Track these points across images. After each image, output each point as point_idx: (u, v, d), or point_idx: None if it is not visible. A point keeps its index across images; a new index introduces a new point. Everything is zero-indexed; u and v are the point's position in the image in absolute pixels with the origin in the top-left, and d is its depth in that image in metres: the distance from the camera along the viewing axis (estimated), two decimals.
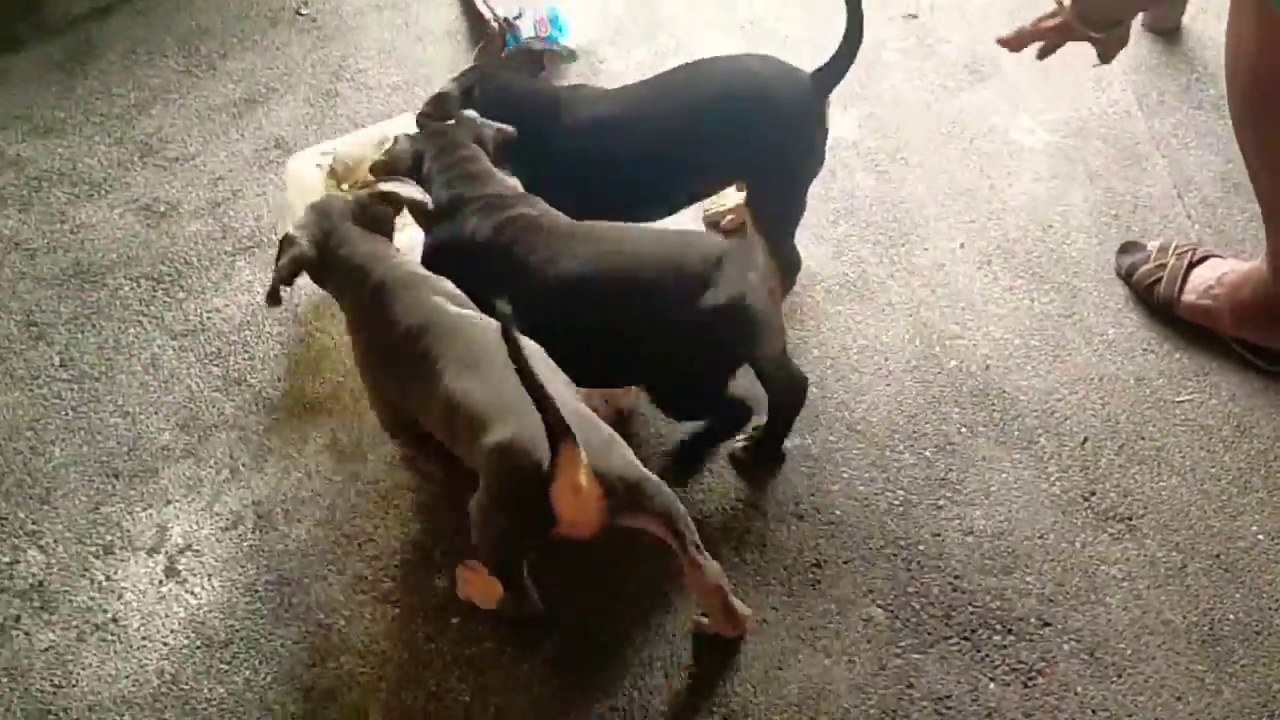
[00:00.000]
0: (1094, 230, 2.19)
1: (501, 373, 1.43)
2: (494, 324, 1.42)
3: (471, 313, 1.63)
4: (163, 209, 2.33)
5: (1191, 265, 2.00)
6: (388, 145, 1.88)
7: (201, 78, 2.62)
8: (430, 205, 1.76)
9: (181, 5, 2.83)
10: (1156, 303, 2.03)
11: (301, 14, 2.77)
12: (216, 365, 2.05)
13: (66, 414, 1.99)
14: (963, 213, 2.24)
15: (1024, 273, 2.13)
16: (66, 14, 2.83)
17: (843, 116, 2.43)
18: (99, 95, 2.60)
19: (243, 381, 2.02)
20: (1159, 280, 2.02)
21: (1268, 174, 1.73)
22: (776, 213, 1.98)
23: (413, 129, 1.91)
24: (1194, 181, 2.26)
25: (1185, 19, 2.57)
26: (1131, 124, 2.38)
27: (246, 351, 2.07)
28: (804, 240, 2.18)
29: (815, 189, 2.24)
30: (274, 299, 1.69)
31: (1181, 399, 1.93)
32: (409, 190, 1.76)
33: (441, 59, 2.61)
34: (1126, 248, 2.12)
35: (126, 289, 2.18)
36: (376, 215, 1.76)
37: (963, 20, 2.66)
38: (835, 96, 2.41)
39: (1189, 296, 1.99)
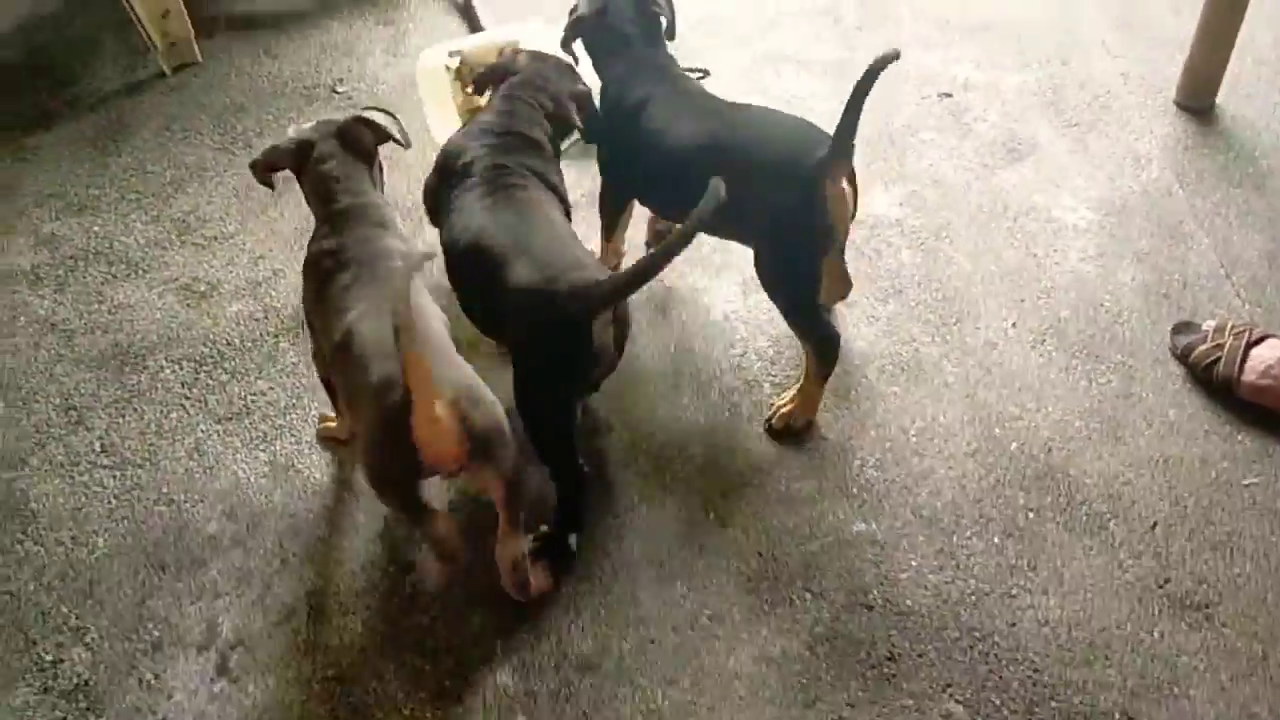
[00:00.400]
0: (1145, 310, 2.18)
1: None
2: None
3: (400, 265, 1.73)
4: (203, 289, 2.30)
5: (1250, 345, 2.00)
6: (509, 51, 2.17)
7: (238, 155, 2.61)
8: (407, 147, 1.92)
9: (215, 83, 2.82)
10: (1215, 383, 2.01)
11: (337, 92, 2.76)
12: (263, 450, 2.00)
13: (109, 502, 1.94)
14: (1011, 291, 2.23)
15: (1079, 353, 2.11)
16: (98, 91, 2.82)
17: (884, 194, 2.43)
18: (133, 173, 2.58)
19: (290, 467, 1.97)
20: (1217, 360, 2.01)
21: None
22: (776, 283, 1.92)
23: (533, 36, 2.33)
24: (1241, 260, 2.26)
25: (1218, 98, 2.60)
26: (1173, 203, 2.39)
27: (293, 435, 2.02)
28: (854, 319, 2.18)
29: (861, 267, 2.25)
30: (256, 173, 1.86)
31: (1248, 482, 1.90)
32: (390, 125, 1.89)
33: None
34: (1180, 328, 2.11)
35: (168, 371, 2.14)
36: (357, 138, 1.86)
37: (997, 98, 2.68)
38: (875, 174, 2.44)
39: (1249, 377, 1.97)
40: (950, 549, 1.83)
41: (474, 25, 2.92)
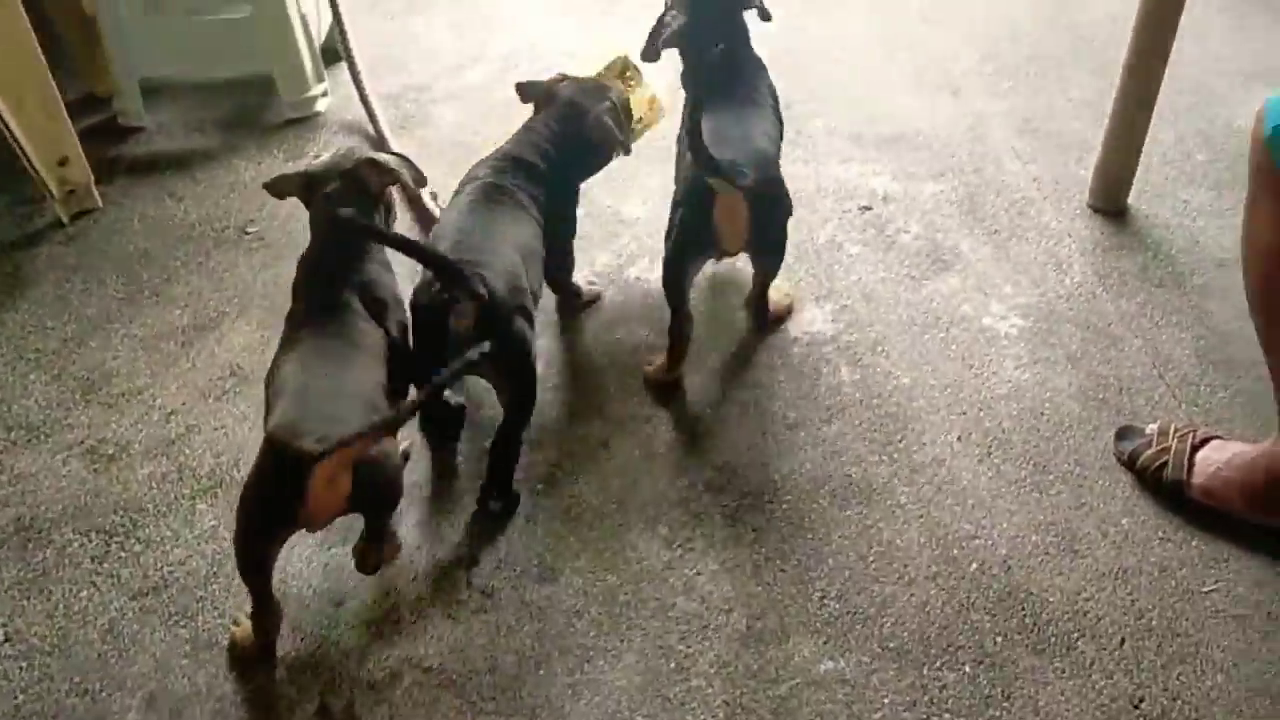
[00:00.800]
0: (1085, 416, 2.18)
1: (315, 367, 1.66)
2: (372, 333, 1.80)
3: (363, 316, 1.81)
4: (110, 451, 2.15)
5: (1195, 448, 1.99)
6: (630, 72, 2.36)
7: (145, 305, 2.48)
8: (418, 191, 2.02)
9: (117, 229, 2.71)
10: (1164, 487, 2.00)
11: (248, 233, 2.67)
12: (183, 627, 1.85)
13: (16, 698, 1.76)
14: (953, 404, 2.21)
15: (1026, 464, 2.09)
16: None
17: (816, 310, 2.42)
18: (31, 330, 2.44)
19: (214, 644, 1.83)
20: (1165, 464, 2.00)
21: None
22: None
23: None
24: (1172, 360, 2.28)
25: (1130, 198, 2.66)
26: (1099, 305, 2.42)
27: (215, 608, 1.88)
28: (799, 443, 2.14)
29: (802, 387, 2.23)
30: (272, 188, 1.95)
31: (1208, 589, 1.88)
32: (400, 167, 1.90)
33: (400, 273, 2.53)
34: (1123, 433, 2.11)
35: (76, 545, 1.98)
36: (363, 180, 1.87)
37: (917, 209, 2.71)
38: (805, 290, 2.44)
39: (1198, 479, 1.97)
40: (922, 682, 1.76)
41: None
